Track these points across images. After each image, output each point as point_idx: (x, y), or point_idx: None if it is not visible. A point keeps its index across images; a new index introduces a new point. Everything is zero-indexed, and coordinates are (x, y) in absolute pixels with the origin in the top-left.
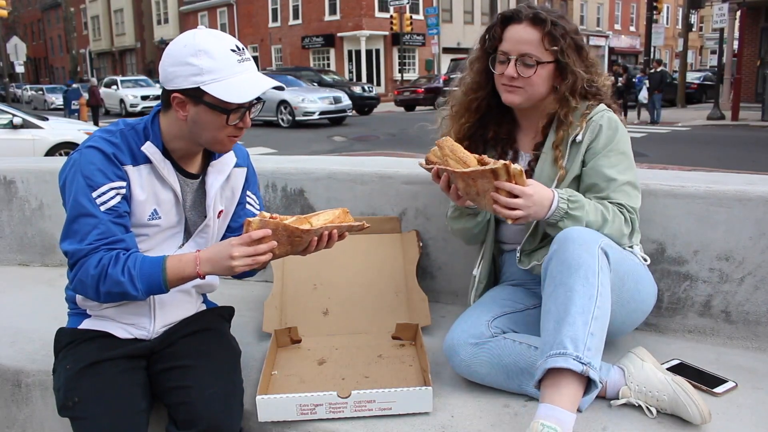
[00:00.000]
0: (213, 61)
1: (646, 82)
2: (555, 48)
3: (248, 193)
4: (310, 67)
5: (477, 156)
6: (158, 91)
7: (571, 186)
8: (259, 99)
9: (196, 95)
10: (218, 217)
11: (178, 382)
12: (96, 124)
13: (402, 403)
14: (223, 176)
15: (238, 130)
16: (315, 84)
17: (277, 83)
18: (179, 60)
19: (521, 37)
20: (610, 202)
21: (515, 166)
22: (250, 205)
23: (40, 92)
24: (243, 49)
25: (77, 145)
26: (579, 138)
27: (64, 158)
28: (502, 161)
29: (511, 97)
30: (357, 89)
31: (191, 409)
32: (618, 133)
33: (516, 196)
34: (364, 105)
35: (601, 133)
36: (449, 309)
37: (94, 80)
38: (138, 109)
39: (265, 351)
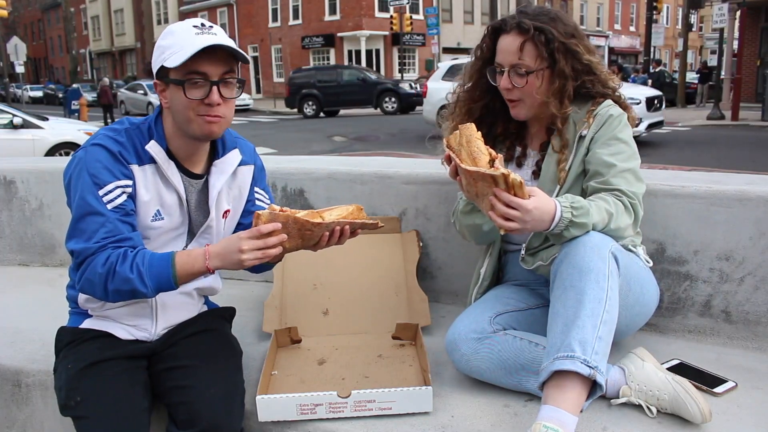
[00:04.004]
0: (173, 37)
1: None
2: (543, 54)
3: (256, 189)
4: (353, 65)
5: (492, 154)
6: None
7: (576, 182)
8: (231, 73)
9: (164, 76)
10: (224, 217)
11: (179, 382)
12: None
13: (402, 403)
14: (226, 175)
15: (207, 108)
16: (362, 81)
17: (232, 46)
18: (155, 48)
19: (510, 47)
20: (609, 188)
21: (514, 177)
22: (260, 201)
23: (142, 92)
24: (210, 26)
25: (77, 145)
26: (585, 132)
27: (65, 158)
28: (502, 170)
29: (515, 111)
30: (405, 86)
31: (192, 408)
32: (621, 124)
33: (514, 208)
34: (411, 104)
35: (604, 124)
36: (449, 309)
37: (106, 80)
38: None
39: (265, 351)
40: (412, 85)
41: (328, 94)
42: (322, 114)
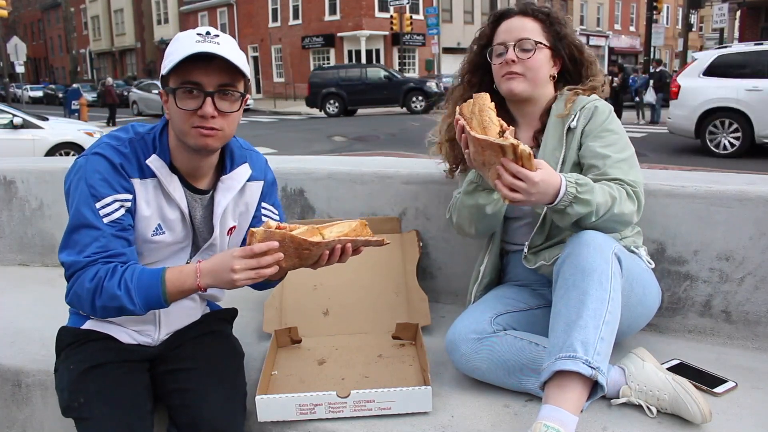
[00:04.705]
0: (176, 43)
1: (651, 82)
2: (546, 33)
3: (264, 204)
4: (380, 64)
5: (502, 125)
6: None
7: (573, 172)
8: (230, 85)
9: (165, 85)
10: (229, 234)
11: (180, 385)
12: (114, 123)
13: (401, 403)
14: (233, 193)
15: (201, 120)
16: (387, 80)
17: (227, 57)
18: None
19: (515, 26)
20: (608, 179)
21: (523, 148)
22: (266, 217)
23: (157, 92)
24: (215, 35)
25: (77, 144)
26: (573, 124)
27: (65, 158)
28: (512, 140)
29: (513, 85)
30: (432, 85)
31: (194, 412)
32: (611, 116)
33: (521, 180)
34: (435, 103)
35: (594, 117)
36: (449, 309)
37: (110, 79)
38: None
39: (265, 351)
40: (438, 84)
41: (352, 93)
42: (342, 114)
